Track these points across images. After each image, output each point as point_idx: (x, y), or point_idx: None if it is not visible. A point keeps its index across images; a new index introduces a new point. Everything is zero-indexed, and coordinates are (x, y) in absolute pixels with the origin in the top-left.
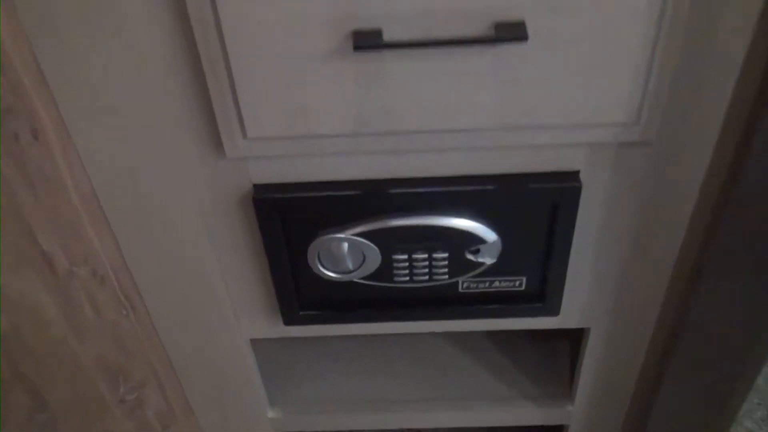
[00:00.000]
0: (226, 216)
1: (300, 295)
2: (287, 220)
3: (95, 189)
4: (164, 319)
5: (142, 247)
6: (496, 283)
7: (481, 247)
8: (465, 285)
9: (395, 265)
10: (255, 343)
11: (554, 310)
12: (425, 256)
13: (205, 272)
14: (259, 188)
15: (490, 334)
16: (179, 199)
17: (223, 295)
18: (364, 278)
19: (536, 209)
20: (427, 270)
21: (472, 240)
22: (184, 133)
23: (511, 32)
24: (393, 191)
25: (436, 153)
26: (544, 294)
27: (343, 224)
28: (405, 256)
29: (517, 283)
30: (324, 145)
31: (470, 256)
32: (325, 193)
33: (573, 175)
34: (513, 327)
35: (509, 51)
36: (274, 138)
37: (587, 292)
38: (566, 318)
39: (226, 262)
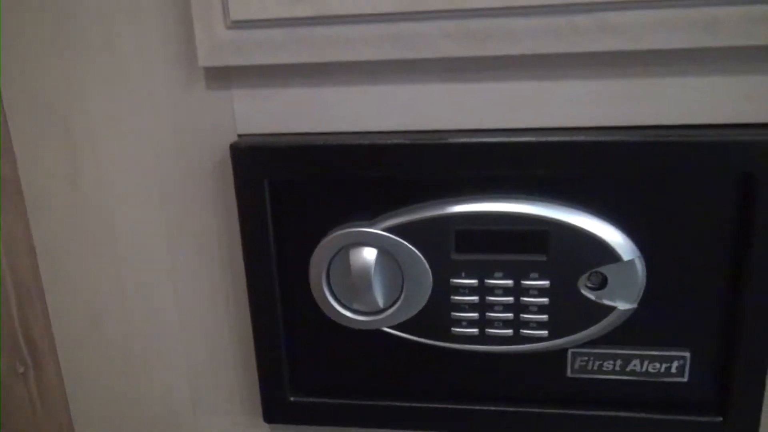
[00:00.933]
0: (200, 202)
1: (293, 361)
2: (280, 191)
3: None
4: (85, 389)
5: (67, 256)
6: (635, 363)
7: (609, 271)
8: (578, 363)
9: (455, 300)
10: None
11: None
12: (510, 283)
13: (153, 310)
14: (245, 139)
15: None
16: (127, 165)
17: (179, 363)
18: (399, 327)
19: (709, 195)
20: (511, 315)
21: (592, 255)
22: (133, 46)
23: None
24: (458, 142)
25: (534, 71)
26: (728, 394)
27: (371, 211)
28: (474, 282)
29: (675, 366)
30: (348, 40)
31: (588, 293)
32: (344, 142)
33: None
34: None
35: None
36: (272, 21)
37: None
38: None
39: (188, 294)
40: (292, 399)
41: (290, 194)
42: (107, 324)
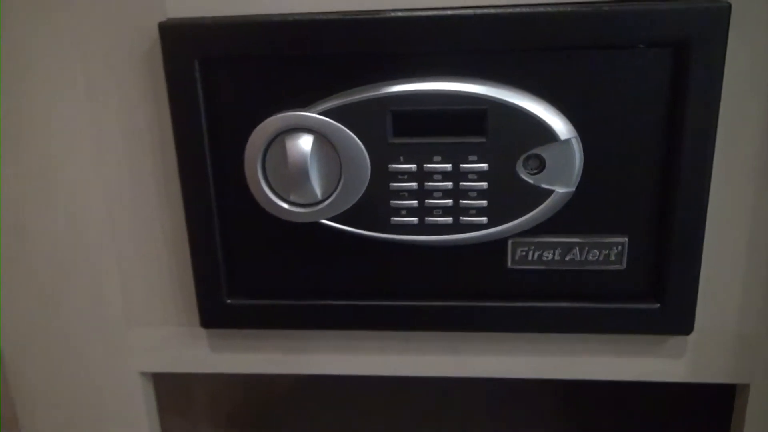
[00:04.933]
0: (126, 80)
1: (230, 261)
2: (213, 76)
3: None
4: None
5: None
6: (574, 252)
7: (546, 152)
8: (518, 254)
9: (394, 187)
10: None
11: (683, 322)
12: (448, 167)
13: (78, 203)
14: (175, 19)
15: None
16: (50, 59)
17: (109, 270)
18: (339, 219)
19: (644, 67)
20: (450, 202)
21: (529, 135)
22: None
23: None
24: (391, 17)
25: None
26: (664, 280)
27: (307, 96)
28: (412, 168)
29: (614, 253)
30: None
31: (527, 177)
32: (276, 20)
33: None
34: (598, 376)
35: None
36: None
37: (742, 290)
38: (704, 361)
39: (117, 190)
40: (229, 302)
41: (223, 78)
42: (32, 232)
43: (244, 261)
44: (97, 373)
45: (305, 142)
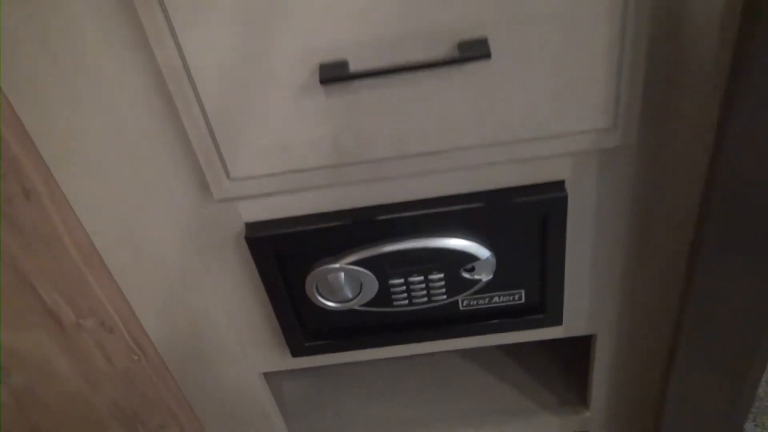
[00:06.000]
0: (224, 256)
1: (304, 326)
2: (282, 255)
3: (94, 243)
4: (176, 360)
5: (147, 295)
6: (496, 299)
7: (476, 264)
8: (465, 303)
9: (393, 290)
10: (269, 377)
11: (556, 320)
12: (421, 278)
13: (209, 312)
14: (250, 227)
15: (503, 346)
16: (176, 245)
17: (228, 333)
18: (364, 305)
19: (525, 222)
20: (425, 292)
21: (465, 258)
22: (173, 180)
23: (475, 50)
24: (381, 218)
25: (419, 176)
26: (544, 305)
27: (337, 254)
28: (401, 281)
29: (516, 297)
30: (307, 179)
31: (466, 275)
32: (315, 226)
33: (558, 185)
34: (517, 340)
35: (476, 69)
36: (257, 176)
37: (588, 298)
38: (570, 326)
39: (229, 301)
40: (307, 345)
41: (290, 255)
42: (183, 328)
43: (313, 327)
44: (236, 377)
45: (340, 277)
